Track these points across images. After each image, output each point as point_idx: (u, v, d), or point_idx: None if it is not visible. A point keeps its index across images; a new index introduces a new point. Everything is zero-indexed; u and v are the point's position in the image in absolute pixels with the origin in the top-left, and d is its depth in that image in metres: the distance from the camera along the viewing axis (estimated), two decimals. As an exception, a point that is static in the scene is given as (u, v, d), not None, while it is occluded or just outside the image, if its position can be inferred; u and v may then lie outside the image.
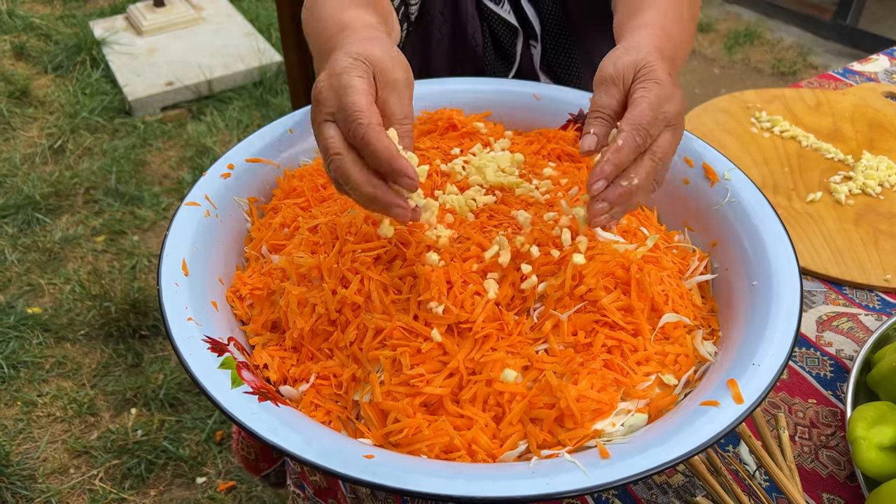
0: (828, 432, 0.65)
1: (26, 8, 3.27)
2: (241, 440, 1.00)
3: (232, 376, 0.51)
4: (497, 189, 0.68)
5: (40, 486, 1.54)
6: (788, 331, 0.54)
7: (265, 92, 2.78)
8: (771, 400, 0.68)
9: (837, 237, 0.84)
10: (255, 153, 0.72)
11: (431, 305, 0.55)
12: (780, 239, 0.62)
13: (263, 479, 1.04)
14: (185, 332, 0.54)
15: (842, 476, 0.62)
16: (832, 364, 0.71)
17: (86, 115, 2.60)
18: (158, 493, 1.55)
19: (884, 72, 1.18)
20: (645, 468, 0.45)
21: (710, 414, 0.48)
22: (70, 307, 1.91)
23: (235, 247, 0.68)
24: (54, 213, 2.24)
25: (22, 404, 1.69)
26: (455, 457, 0.50)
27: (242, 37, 3.03)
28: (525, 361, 0.54)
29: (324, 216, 0.65)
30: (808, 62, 3.08)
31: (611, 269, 0.58)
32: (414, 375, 0.53)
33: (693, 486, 0.60)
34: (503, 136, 0.78)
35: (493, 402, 0.53)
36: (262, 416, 0.48)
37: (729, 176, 0.69)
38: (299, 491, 0.79)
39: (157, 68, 2.83)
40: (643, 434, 0.50)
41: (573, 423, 0.51)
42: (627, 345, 0.56)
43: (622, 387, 0.54)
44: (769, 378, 0.50)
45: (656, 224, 0.71)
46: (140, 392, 1.72)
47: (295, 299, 0.60)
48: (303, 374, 0.58)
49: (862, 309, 0.76)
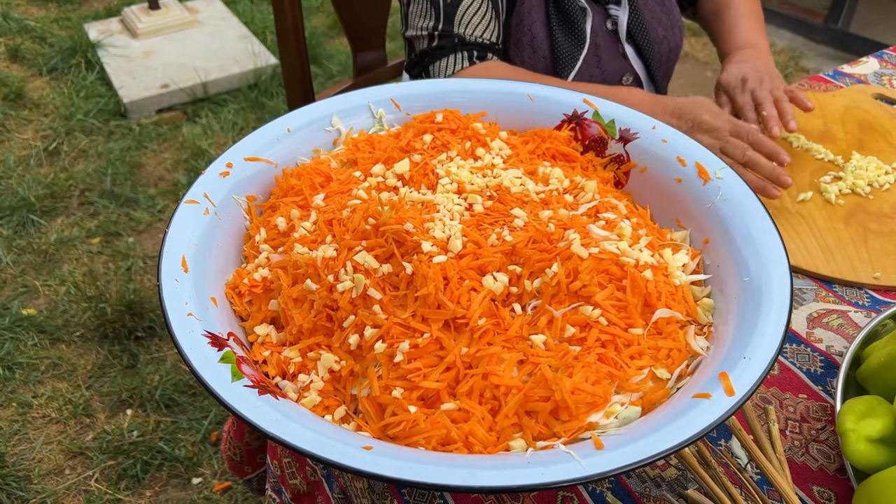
0: (818, 426, 0.66)
1: (21, 10, 3.27)
2: (229, 440, 1.00)
3: (232, 370, 0.52)
4: (494, 189, 0.69)
5: (36, 487, 1.54)
6: (779, 325, 0.55)
7: (260, 94, 2.79)
8: (762, 395, 0.69)
9: (828, 236, 0.85)
10: (254, 152, 0.73)
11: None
12: (772, 237, 0.63)
13: (247, 483, 1.04)
14: (185, 327, 0.54)
15: (831, 469, 0.63)
16: (822, 360, 0.72)
17: (81, 117, 2.60)
18: (154, 493, 1.55)
19: (873, 74, 1.20)
20: (639, 458, 0.46)
21: (703, 406, 0.49)
22: (65, 309, 1.91)
23: (234, 244, 0.69)
24: (49, 214, 2.24)
25: (17, 405, 1.69)
26: (452, 449, 0.51)
27: (237, 39, 3.04)
28: (521, 356, 0.55)
29: (321, 213, 0.66)
30: (799, 66, 3.11)
31: (605, 266, 0.59)
32: (411, 370, 0.54)
33: (685, 479, 0.61)
34: (498, 136, 0.79)
35: (490, 395, 0.54)
36: (263, 409, 0.49)
37: (721, 175, 0.70)
38: (276, 496, 0.79)
39: (152, 71, 2.83)
40: (637, 426, 0.51)
41: (568, 415, 0.52)
42: (621, 339, 0.57)
43: (616, 380, 0.55)
44: (760, 371, 0.51)
45: (649, 222, 0.72)
46: (136, 393, 1.72)
47: (292, 296, 0.60)
48: (300, 369, 0.59)
49: (851, 306, 0.78)
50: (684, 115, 0.92)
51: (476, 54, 1.04)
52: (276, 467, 0.78)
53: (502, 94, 0.82)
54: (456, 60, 1.04)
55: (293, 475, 0.75)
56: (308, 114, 0.78)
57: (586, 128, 0.79)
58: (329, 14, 3.40)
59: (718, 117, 0.90)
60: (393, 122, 0.81)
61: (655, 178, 0.74)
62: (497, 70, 1.03)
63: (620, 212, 0.68)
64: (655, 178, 0.74)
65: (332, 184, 0.71)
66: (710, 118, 0.90)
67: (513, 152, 0.76)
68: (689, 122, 0.91)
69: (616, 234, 0.64)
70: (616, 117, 0.78)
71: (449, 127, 0.77)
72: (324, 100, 0.80)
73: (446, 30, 1.04)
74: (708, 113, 0.90)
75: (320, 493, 0.72)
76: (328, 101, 0.80)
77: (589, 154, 0.79)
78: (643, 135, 0.76)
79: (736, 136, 0.90)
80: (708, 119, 0.90)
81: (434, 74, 1.05)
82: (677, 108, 0.92)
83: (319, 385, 0.57)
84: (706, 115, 0.90)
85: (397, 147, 0.75)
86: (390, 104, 0.81)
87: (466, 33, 1.04)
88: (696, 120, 0.91)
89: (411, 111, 0.81)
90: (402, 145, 0.75)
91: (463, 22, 1.04)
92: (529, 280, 0.59)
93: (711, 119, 0.90)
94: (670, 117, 0.92)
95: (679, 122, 0.92)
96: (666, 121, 0.92)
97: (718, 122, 0.90)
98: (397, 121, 0.81)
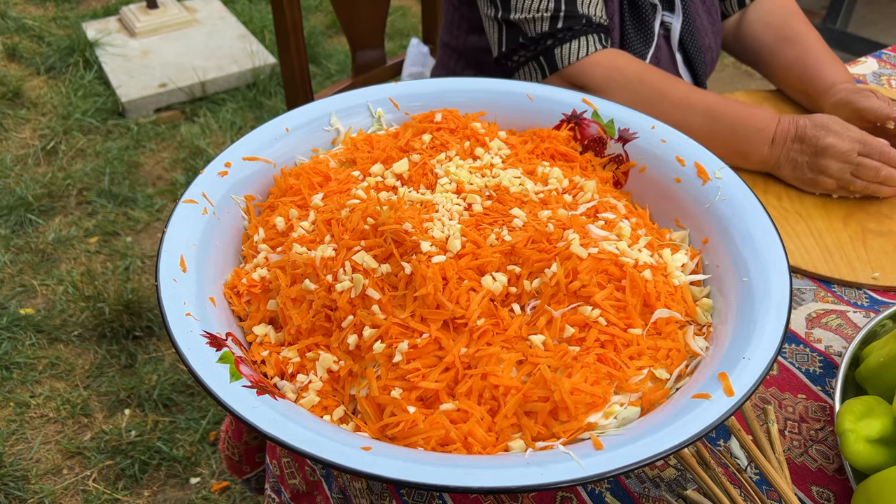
0: (817, 427, 0.66)
1: (19, 9, 3.26)
2: (227, 439, 1.00)
3: (230, 370, 0.52)
4: (493, 189, 0.69)
5: (33, 487, 1.53)
6: (778, 325, 0.55)
7: (259, 94, 2.78)
8: (761, 395, 0.69)
9: (826, 236, 0.85)
10: (253, 151, 0.73)
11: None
12: (771, 237, 0.63)
13: (245, 482, 1.04)
14: (183, 326, 0.54)
15: (830, 469, 0.63)
16: (821, 360, 0.72)
17: (79, 116, 2.60)
18: (152, 493, 1.55)
19: (872, 74, 1.20)
20: (639, 458, 0.46)
21: (702, 406, 0.49)
22: (63, 308, 1.91)
23: (233, 244, 0.68)
24: (47, 214, 2.23)
25: (15, 405, 1.69)
26: (451, 449, 0.51)
27: (236, 39, 3.04)
28: (520, 356, 0.55)
29: (320, 213, 0.66)
30: (798, 66, 3.10)
31: (604, 266, 0.59)
32: (410, 370, 0.54)
33: (684, 479, 0.61)
34: (497, 135, 0.78)
35: (489, 395, 0.53)
36: (262, 410, 0.49)
37: (720, 175, 0.70)
38: (275, 496, 0.79)
39: (150, 70, 2.83)
40: (636, 426, 0.51)
41: (567, 415, 0.52)
42: (620, 339, 0.57)
43: (615, 380, 0.55)
44: (759, 371, 0.51)
45: (648, 222, 0.72)
46: (134, 393, 1.72)
47: (290, 296, 0.60)
48: (298, 369, 0.58)
49: (850, 306, 0.78)
50: (807, 140, 0.88)
51: (604, 37, 0.99)
52: (276, 467, 0.78)
53: (501, 94, 0.82)
54: (588, 43, 0.97)
55: (292, 475, 0.75)
56: (307, 113, 0.78)
57: (585, 127, 0.79)
58: (328, 13, 3.40)
59: (844, 137, 0.87)
60: (392, 122, 0.81)
61: (654, 177, 0.74)
62: (625, 59, 0.97)
63: (619, 212, 0.68)
64: (654, 177, 0.74)
65: (331, 183, 0.71)
66: (835, 140, 0.87)
67: (512, 152, 0.76)
68: (812, 148, 0.88)
69: (615, 234, 0.64)
70: (615, 117, 0.78)
71: (448, 126, 0.77)
72: (322, 99, 0.80)
73: (570, 10, 0.97)
74: (832, 135, 0.87)
75: (319, 493, 0.72)
76: (327, 100, 0.79)
77: (588, 154, 0.78)
78: (642, 134, 0.76)
79: (866, 155, 0.87)
80: (832, 142, 0.87)
81: (562, 58, 0.98)
82: (800, 133, 0.89)
83: (318, 385, 0.57)
84: (829, 138, 0.87)
85: (396, 147, 0.75)
86: (389, 104, 0.81)
87: (591, 13, 0.98)
88: (819, 145, 0.87)
89: (410, 111, 0.81)
90: (400, 145, 0.75)
91: (584, 2, 0.97)
92: (528, 280, 0.59)
93: (837, 142, 0.87)
94: (792, 142, 0.89)
95: (802, 146, 0.89)
96: (788, 147, 0.89)
97: (845, 143, 0.86)
98: (396, 120, 0.81)
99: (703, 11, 1.13)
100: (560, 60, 0.98)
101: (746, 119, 0.91)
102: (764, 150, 0.91)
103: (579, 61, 0.97)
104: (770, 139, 0.90)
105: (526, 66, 1.01)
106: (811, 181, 0.90)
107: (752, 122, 0.90)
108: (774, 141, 0.90)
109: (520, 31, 1.00)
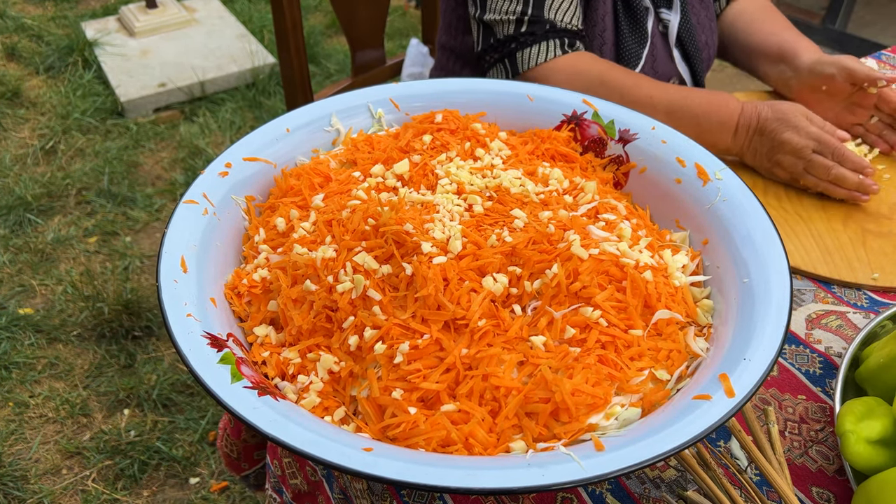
0: (817, 427, 0.66)
1: (18, 9, 3.26)
2: (226, 437, 1.00)
3: (231, 371, 0.52)
4: (493, 190, 0.69)
5: (33, 487, 1.53)
6: (779, 326, 0.55)
7: (258, 94, 2.78)
8: (762, 396, 0.69)
9: (826, 237, 0.85)
10: (253, 152, 0.73)
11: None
12: (771, 238, 0.63)
13: (244, 479, 1.04)
14: (184, 327, 0.54)
15: (831, 470, 0.63)
16: (821, 361, 0.72)
17: (78, 116, 2.60)
18: (151, 493, 1.55)
19: (872, 75, 1.20)
20: (639, 459, 0.46)
21: (703, 407, 0.49)
22: (62, 308, 1.91)
23: (233, 245, 0.68)
24: (46, 213, 2.23)
25: (14, 405, 1.69)
26: (452, 450, 0.51)
27: (235, 38, 3.04)
28: (521, 357, 0.55)
29: (321, 214, 0.66)
30: (797, 66, 3.11)
31: (605, 267, 0.59)
32: (411, 371, 0.54)
33: (685, 480, 0.61)
34: (498, 136, 0.78)
35: (490, 396, 0.53)
36: (263, 411, 0.49)
37: (721, 176, 0.70)
38: (276, 496, 0.79)
39: (149, 70, 2.83)
40: (637, 427, 0.51)
41: (568, 416, 0.52)
42: (621, 340, 0.57)
43: (616, 381, 0.55)
44: (760, 372, 0.51)
45: (649, 223, 0.72)
46: (133, 393, 1.71)
47: (291, 296, 0.60)
48: (299, 370, 0.58)
49: (850, 307, 0.78)
50: (766, 134, 0.90)
51: (567, 42, 1.00)
52: (277, 467, 0.78)
53: (502, 95, 0.82)
54: (548, 48, 0.99)
55: (294, 475, 0.75)
56: (307, 114, 0.78)
57: (586, 128, 0.79)
58: (327, 13, 3.40)
59: (801, 133, 0.88)
60: (392, 123, 0.81)
61: (655, 178, 0.74)
62: (586, 62, 0.98)
63: (620, 213, 0.68)
64: (655, 178, 0.74)
65: (332, 184, 0.71)
66: (792, 136, 0.88)
67: (512, 153, 0.76)
68: (770, 142, 0.90)
69: (616, 235, 0.64)
70: (615, 118, 0.78)
71: (448, 127, 0.77)
72: (323, 100, 0.80)
73: (536, 15, 0.98)
74: (790, 130, 0.88)
75: (321, 493, 0.72)
76: (327, 100, 0.79)
77: (588, 155, 0.79)
78: (642, 135, 0.76)
79: (820, 153, 0.88)
80: (789, 138, 0.88)
81: (522, 62, 1.00)
82: (761, 125, 0.91)
83: (319, 386, 0.57)
84: (787, 133, 0.88)
85: (397, 147, 0.75)
86: (389, 104, 0.81)
87: (557, 19, 0.99)
88: (776, 139, 0.89)
89: (410, 111, 0.81)
90: (401, 145, 0.75)
91: (553, 7, 0.99)
92: (529, 281, 0.59)
93: (793, 137, 0.88)
94: (753, 134, 0.91)
95: (762, 139, 0.91)
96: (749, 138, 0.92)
97: (801, 140, 0.88)
98: (396, 121, 0.81)
99: (700, 8, 1.14)
100: (521, 64, 1.00)
101: (709, 113, 0.93)
102: (727, 140, 0.94)
103: (539, 66, 0.99)
104: (733, 131, 0.93)
105: (495, 66, 1.04)
106: (768, 170, 0.94)
107: (716, 117, 0.92)
108: (737, 133, 0.93)
109: (492, 31, 1.03)
